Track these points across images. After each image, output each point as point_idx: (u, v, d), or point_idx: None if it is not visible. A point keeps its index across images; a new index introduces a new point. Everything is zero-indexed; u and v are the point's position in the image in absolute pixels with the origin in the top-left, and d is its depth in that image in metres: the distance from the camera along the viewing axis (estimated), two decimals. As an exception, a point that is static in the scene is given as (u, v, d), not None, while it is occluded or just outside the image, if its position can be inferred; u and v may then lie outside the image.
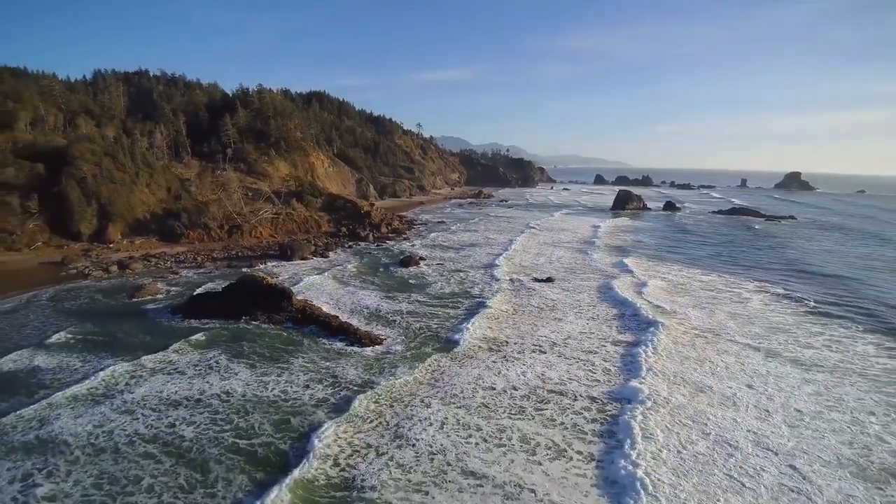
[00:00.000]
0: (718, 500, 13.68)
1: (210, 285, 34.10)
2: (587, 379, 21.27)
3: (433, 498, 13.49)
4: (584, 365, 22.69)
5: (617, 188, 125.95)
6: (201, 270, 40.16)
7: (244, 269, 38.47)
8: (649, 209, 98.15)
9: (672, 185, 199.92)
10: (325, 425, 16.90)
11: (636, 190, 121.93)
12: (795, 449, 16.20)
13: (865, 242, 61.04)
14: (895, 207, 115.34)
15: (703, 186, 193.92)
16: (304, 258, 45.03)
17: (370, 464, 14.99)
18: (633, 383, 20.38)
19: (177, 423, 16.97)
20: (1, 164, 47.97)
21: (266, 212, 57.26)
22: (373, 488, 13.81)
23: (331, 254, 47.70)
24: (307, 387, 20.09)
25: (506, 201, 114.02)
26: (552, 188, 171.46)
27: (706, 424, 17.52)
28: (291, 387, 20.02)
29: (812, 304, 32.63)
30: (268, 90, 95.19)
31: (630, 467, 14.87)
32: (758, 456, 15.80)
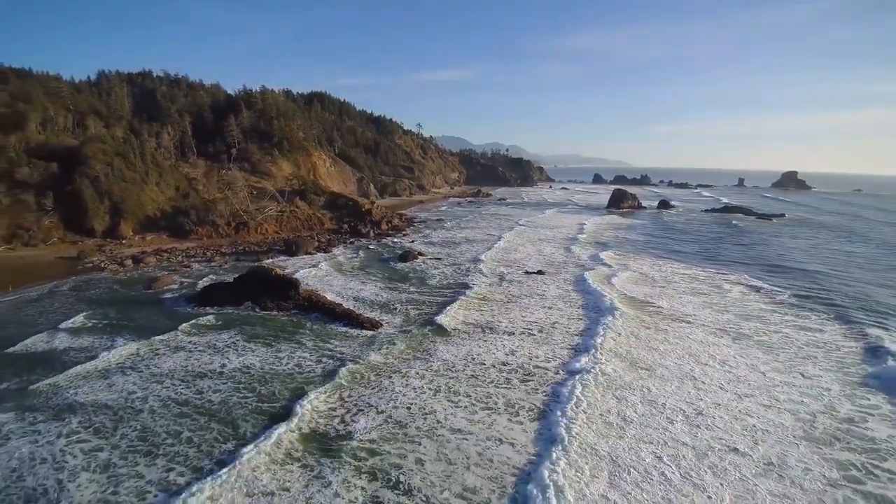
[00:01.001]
0: (664, 444, 16.01)
1: (221, 277, 36.28)
2: (568, 357, 23.32)
3: (425, 448, 15.72)
4: (567, 345, 24.83)
5: (614, 187, 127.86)
6: (212, 264, 42.39)
7: (251, 264, 40.65)
8: (644, 208, 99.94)
9: (670, 184, 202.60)
10: (334, 390, 19.23)
11: (633, 189, 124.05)
12: (743, 412, 18.09)
13: (850, 240, 62.56)
14: (887, 206, 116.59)
15: (700, 186, 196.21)
16: (308, 253, 47.24)
17: (371, 419, 17.35)
18: (603, 361, 22.25)
19: (204, 390, 19.26)
20: (16, 164, 50.20)
21: (271, 210, 59.52)
22: (372, 441, 16.08)
23: (333, 249, 49.90)
24: (319, 361, 22.42)
25: (504, 200, 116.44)
26: (550, 187, 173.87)
27: (666, 393, 19.56)
28: (304, 362, 22.36)
29: (787, 295, 34.15)
30: (270, 91, 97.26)
31: (581, 423, 17.16)
32: (706, 416, 17.78)
